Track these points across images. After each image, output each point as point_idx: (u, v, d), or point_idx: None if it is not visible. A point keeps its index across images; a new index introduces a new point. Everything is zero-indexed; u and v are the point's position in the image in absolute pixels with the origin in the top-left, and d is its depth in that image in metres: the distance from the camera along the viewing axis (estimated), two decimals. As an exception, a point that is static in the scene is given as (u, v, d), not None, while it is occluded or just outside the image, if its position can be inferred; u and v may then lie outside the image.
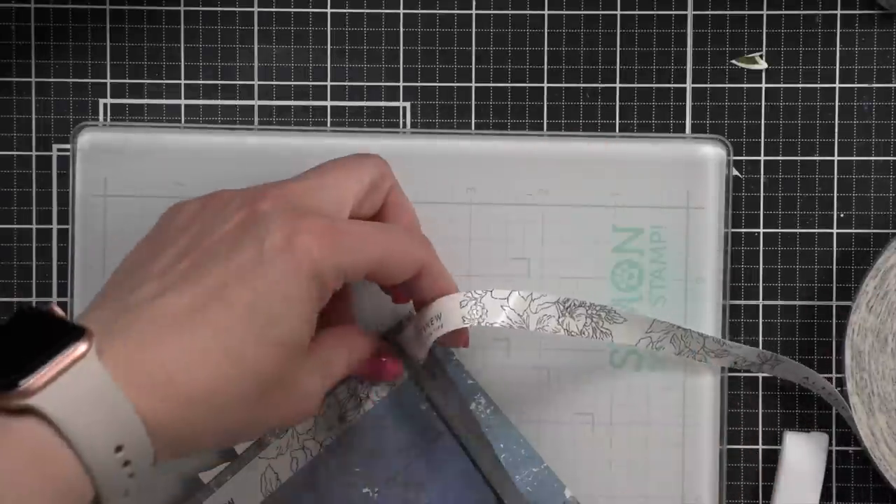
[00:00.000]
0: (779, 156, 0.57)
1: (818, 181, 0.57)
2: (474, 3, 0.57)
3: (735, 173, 0.57)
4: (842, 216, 0.57)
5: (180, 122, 0.57)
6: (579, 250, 0.56)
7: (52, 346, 0.40)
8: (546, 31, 0.57)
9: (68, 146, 0.57)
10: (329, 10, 0.57)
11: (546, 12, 0.57)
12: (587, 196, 0.56)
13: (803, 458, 0.56)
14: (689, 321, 0.55)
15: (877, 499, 0.57)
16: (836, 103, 0.57)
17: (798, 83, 0.57)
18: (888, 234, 0.57)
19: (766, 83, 0.57)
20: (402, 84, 0.57)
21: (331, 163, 0.49)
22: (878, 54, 0.57)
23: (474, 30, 0.57)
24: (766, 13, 0.57)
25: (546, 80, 0.57)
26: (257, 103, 0.57)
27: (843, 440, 0.57)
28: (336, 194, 0.48)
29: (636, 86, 0.57)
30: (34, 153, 0.57)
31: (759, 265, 0.57)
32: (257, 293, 0.44)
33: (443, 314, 0.50)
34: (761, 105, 0.57)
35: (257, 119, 0.57)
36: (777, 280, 0.57)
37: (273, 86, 0.57)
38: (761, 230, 0.57)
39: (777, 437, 0.57)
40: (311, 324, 0.46)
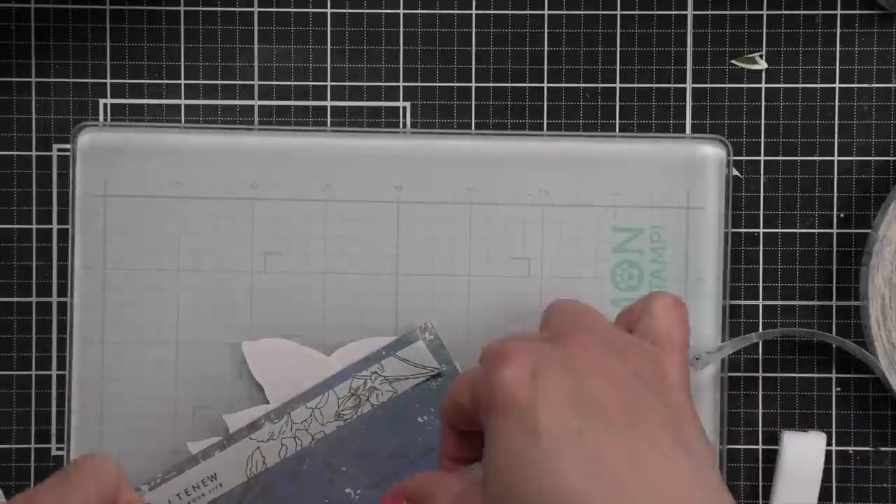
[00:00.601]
0: (779, 156, 0.57)
1: (818, 181, 0.57)
2: (474, 3, 0.57)
3: (735, 173, 0.57)
4: (842, 216, 0.57)
5: (180, 122, 0.57)
6: (579, 250, 0.56)
7: None
8: (546, 31, 0.57)
9: (68, 146, 0.57)
10: (329, 10, 0.57)
11: (546, 12, 0.57)
12: (587, 196, 0.56)
13: (801, 458, 0.56)
14: (689, 321, 0.55)
15: (877, 499, 0.57)
16: (836, 103, 0.57)
17: (798, 83, 0.57)
18: (888, 234, 0.57)
19: (766, 83, 0.57)
20: (402, 84, 0.57)
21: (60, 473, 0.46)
22: (878, 54, 0.57)
23: (474, 30, 0.57)
24: (766, 13, 0.57)
25: (546, 80, 0.57)
26: (257, 103, 0.57)
27: (843, 440, 0.57)
28: None
29: (636, 86, 0.57)
30: (34, 153, 0.57)
31: (759, 265, 0.57)
32: None
33: None
34: (761, 105, 0.57)
35: (257, 119, 0.57)
36: (777, 280, 0.57)
37: (273, 86, 0.57)
38: (761, 230, 0.57)
39: (777, 436, 0.57)
40: None
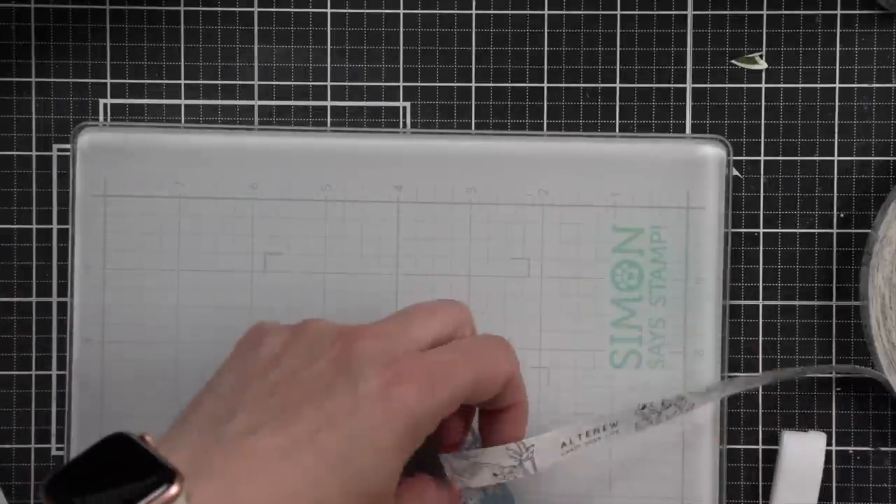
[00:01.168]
0: (779, 156, 0.57)
1: (818, 181, 0.57)
2: (474, 3, 0.57)
3: (735, 173, 0.57)
4: (842, 216, 0.57)
5: (180, 122, 0.57)
6: (579, 250, 0.56)
7: (141, 483, 0.39)
8: (546, 31, 0.57)
9: (68, 146, 0.57)
10: (329, 10, 0.57)
11: (546, 12, 0.57)
12: (587, 196, 0.56)
13: (801, 458, 0.56)
14: (689, 321, 0.55)
15: (877, 499, 0.57)
16: (836, 103, 0.57)
17: (798, 83, 0.57)
18: (888, 234, 0.57)
19: (766, 83, 0.57)
20: (402, 84, 0.57)
21: (417, 305, 0.49)
22: (878, 54, 0.57)
23: (474, 30, 0.57)
24: (766, 13, 0.57)
25: (546, 80, 0.57)
26: (257, 103, 0.57)
27: (843, 440, 0.57)
28: (421, 333, 0.47)
29: (636, 86, 0.57)
30: (34, 153, 0.57)
31: (759, 265, 0.57)
32: (349, 442, 0.43)
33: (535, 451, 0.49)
34: (761, 105, 0.57)
35: (257, 119, 0.57)
36: (777, 280, 0.57)
37: (273, 86, 0.57)
38: (761, 230, 0.57)
39: (777, 436, 0.57)
40: (398, 474, 0.45)
